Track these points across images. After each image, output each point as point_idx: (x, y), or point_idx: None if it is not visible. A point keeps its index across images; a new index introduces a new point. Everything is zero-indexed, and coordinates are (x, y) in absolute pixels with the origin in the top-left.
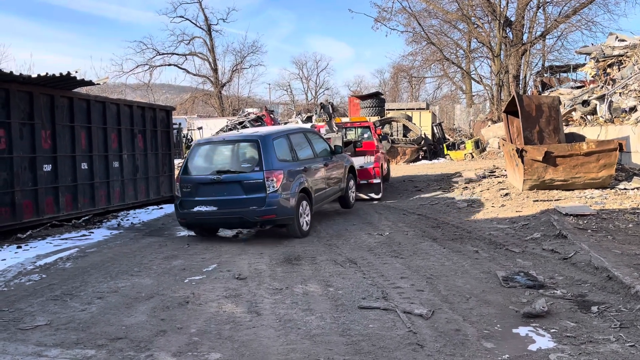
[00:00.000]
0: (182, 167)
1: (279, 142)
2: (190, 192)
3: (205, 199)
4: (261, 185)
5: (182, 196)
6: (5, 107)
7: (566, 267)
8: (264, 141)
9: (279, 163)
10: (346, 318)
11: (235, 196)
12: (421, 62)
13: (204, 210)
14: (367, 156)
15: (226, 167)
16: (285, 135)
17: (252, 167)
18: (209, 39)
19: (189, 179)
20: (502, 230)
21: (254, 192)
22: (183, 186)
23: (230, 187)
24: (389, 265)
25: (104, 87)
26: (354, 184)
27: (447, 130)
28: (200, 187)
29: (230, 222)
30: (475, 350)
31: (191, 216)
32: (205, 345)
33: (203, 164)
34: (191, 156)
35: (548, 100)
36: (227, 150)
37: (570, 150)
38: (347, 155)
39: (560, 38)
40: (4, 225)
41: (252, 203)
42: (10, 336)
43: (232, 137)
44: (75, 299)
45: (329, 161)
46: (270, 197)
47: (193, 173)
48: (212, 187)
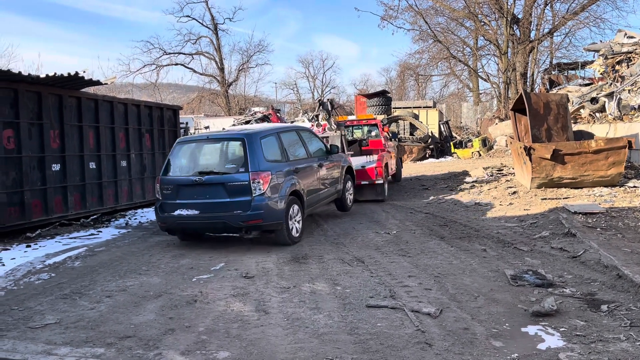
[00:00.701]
0: (163, 167)
1: (267, 141)
2: (170, 194)
3: (186, 201)
4: (246, 187)
5: (162, 198)
6: (14, 107)
7: (575, 266)
8: (251, 140)
9: (266, 163)
10: (354, 317)
11: (219, 199)
12: (428, 60)
13: (185, 214)
14: (369, 155)
15: (209, 168)
16: (275, 133)
17: (237, 168)
18: (216, 38)
19: (169, 180)
20: (510, 229)
21: (239, 195)
22: (163, 188)
23: (213, 189)
24: (396, 264)
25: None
26: (352, 186)
27: (454, 129)
28: (181, 189)
29: (213, 228)
30: (484, 349)
31: (171, 220)
32: (214, 343)
33: (185, 164)
34: (173, 156)
35: (556, 97)
36: (211, 149)
37: (578, 148)
38: (345, 155)
39: (568, 35)
40: (14, 224)
41: (236, 207)
42: (20, 335)
43: (217, 136)
44: (84, 298)
45: (324, 161)
46: (256, 200)
47: (174, 174)
48: (194, 189)
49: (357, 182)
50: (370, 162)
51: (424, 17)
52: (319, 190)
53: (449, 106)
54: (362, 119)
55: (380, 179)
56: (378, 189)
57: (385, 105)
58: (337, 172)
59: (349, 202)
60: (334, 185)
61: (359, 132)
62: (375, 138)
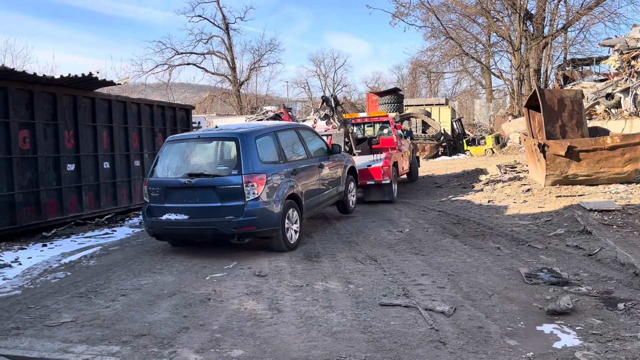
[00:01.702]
0: (151, 167)
1: (263, 141)
2: (158, 197)
3: (175, 205)
4: (239, 191)
5: (150, 201)
6: (30, 108)
7: (591, 264)
8: (245, 139)
9: (261, 165)
10: (367, 315)
11: (209, 203)
12: (440, 57)
13: (173, 218)
14: (376, 154)
15: (200, 170)
16: (272, 132)
17: (229, 170)
18: (227, 37)
19: (157, 182)
20: (524, 227)
21: (231, 199)
22: (151, 190)
23: (204, 192)
24: (409, 262)
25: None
26: (354, 187)
27: (467, 126)
28: (170, 191)
29: (203, 234)
30: (499, 347)
31: (159, 225)
32: (228, 341)
33: (174, 165)
34: (162, 155)
35: (570, 94)
36: (203, 149)
37: (594, 144)
38: (348, 155)
39: (583, 30)
40: (30, 223)
41: (228, 212)
42: (37, 332)
43: (209, 134)
44: (100, 296)
45: (325, 162)
46: (249, 205)
47: (162, 175)
48: (183, 192)
49: (362, 182)
50: (376, 161)
51: (435, 13)
52: (319, 192)
53: (461, 103)
54: (373, 116)
55: (387, 179)
56: (385, 190)
57: (397, 103)
58: (339, 172)
59: (351, 204)
60: (336, 186)
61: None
62: (388, 136)
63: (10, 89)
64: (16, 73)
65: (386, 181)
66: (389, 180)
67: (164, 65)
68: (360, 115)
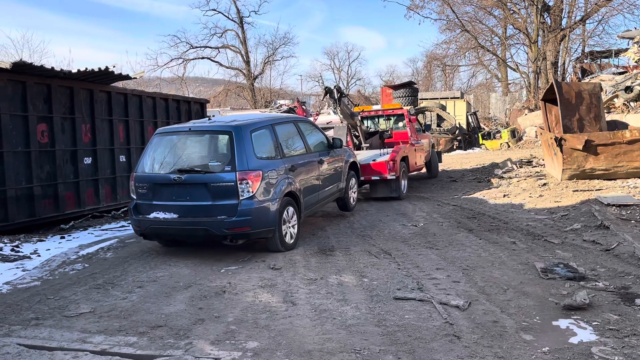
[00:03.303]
0: (139, 161)
1: (259, 135)
2: (146, 193)
3: (164, 203)
4: (233, 189)
5: (137, 198)
6: (48, 102)
7: (608, 259)
8: (240, 133)
9: (257, 161)
10: (381, 309)
11: (200, 202)
12: (455, 50)
13: (161, 217)
14: (383, 149)
15: (191, 165)
16: (269, 125)
17: (222, 166)
18: (241, 31)
19: (145, 178)
20: (540, 221)
21: (224, 197)
22: (138, 186)
23: (195, 190)
24: (423, 257)
25: (140, 81)
26: (355, 183)
27: (482, 120)
28: (158, 188)
29: (193, 235)
30: (514, 342)
31: (146, 224)
32: (243, 333)
33: (163, 160)
34: (150, 148)
35: (588, 87)
36: (194, 143)
37: (612, 138)
38: (350, 149)
39: (601, 22)
40: (48, 216)
41: (220, 211)
42: (56, 323)
43: (201, 127)
44: (117, 288)
45: (325, 157)
46: (243, 204)
47: (151, 170)
48: (173, 189)
49: (366, 177)
50: (382, 155)
51: (451, 6)
52: (319, 189)
53: (476, 97)
54: (387, 108)
55: (393, 174)
56: (392, 185)
57: (412, 96)
58: (340, 168)
59: (352, 201)
60: (336, 183)
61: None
62: (403, 129)
63: (29, 83)
64: (34, 67)
65: (392, 176)
66: (395, 175)
67: (179, 59)
68: (373, 108)
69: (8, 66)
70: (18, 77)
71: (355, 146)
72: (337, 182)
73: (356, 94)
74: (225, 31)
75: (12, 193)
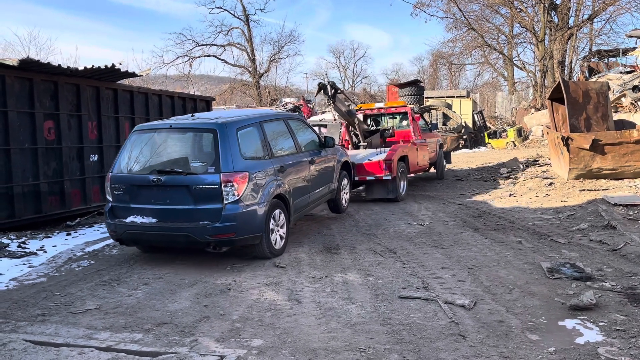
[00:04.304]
0: (115, 160)
1: (246, 133)
2: (123, 195)
3: (141, 206)
4: (216, 192)
5: (113, 200)
6: (54, 99)
7: (615, 259)
8: (225, 131)
9: (243, 162)
10: (386, 307)
11: (181, 206)
12: (461, 49)
13: (139, 222)
14: (380, 148)
15: (171, 165)
16: (257, 123)
17: (205, 167)
18: (247, 29)
19: (122, 178)
20: (546, 221)
21: (207, 201)
22: (114, 187)
23: (175, 193)
24: (429, 256)
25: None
26: (348, 183)
27: (489, 118)
28: (135, 190)
29: (174, 241)
30: (520, 342)
31: (123, 228)
32: (248, 331)
33: (141, 159)
34: (127, 146)
35: (596, 86)
36: (175, 141)
37: (619, 137)
38: (342, 148)
39: (609, 21)
40: (55, 212)
41: (203, 216)
42: (62, 319)
43: (183, 124)
44: (122, 285)
45: (316, 156)
46: (228, 209)
47: (128, 170)
48: (152, 191)
49: (361, 177)
50: (378, 154)
51: (457, 4)
52: (310, 191)
53: (483, 96)
54: (390, 106)
55: (389, 174)
56: (389, 186)
57: (418, 95)
58: (332, 168)
59: (344, 202)
60: (328, 184)
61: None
62: (406, 128)
63: (36, 80)
64: (41, 65)
65: (387, 177)
66: (391, 176)
67: (185, 57)
68: (376, 106)
69: (15, 63)
70: (25, 74)
71: (353, 145)
72: (328, 183)
73: (362, 92)
74: (231, 29)
75: (18, 190)
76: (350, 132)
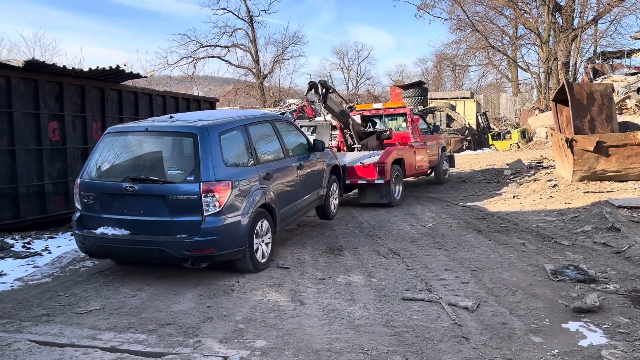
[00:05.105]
0: (85, 165)
1: (229, 137)
2: (93, 204)
3: (113, 217)
4: (196, 202)
5: (82, 209)
6: (59, 100)
7: (619, 261)
8: (206, 136)
9: (226, 169)
10: (390, 309)
11: (157, 217)
12: (465, 50)
13: (110, 234)
14: (374, 150)
15: (146, 173)
16: (242, 126)
17: (183, 175)
18: (251, 30)
19: (92, 185)
20: (550, 223)
21: (185, 213)
22: (84, 195)
23: (150, 203)
24: (432, 257)
25: (150, 80)
26: (337, 188)
27: (492, 120)
28: (107, 198)
29: (148, 255)
30: (523, 344)
31: (92, 240)
32: (251, 332)
33: (114, 165)
34: (99, 150)
35: (600, 87)
36: (151, 146)
37: (624, 139)
38: (331, 152)
39: (614, 22)
40: (59, 213)
41: (180, 229)
42: (66, 320)
43: (161, 127)
44: (126, 285)
45: (305, 161)
46: (208, 221)
47: (99, 177)
48: (125, 200)
49: (353, 181)
50: (371, 157)
51: (461, 5)
52: (298, 198)
53: (486, 97)
54: (388, 107)
55: (382, 178)
56: (382, 191)
57: (422, 96)
58: (321, 173)
59: (332, 208)
60: (316, 190)
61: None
62: (405, 130)
63: (41, 81)
64: (46, 66)
65: (380, 181)
66: (384, 179)
67: (189, 58)
68: (374, 107)
69: (20, 64)
70: (30, 75)
71: (347, 147)
72: (317, 189)
73: (365, 93)
74: (235, 30)
75: (23, 190)
76: (345, 134)
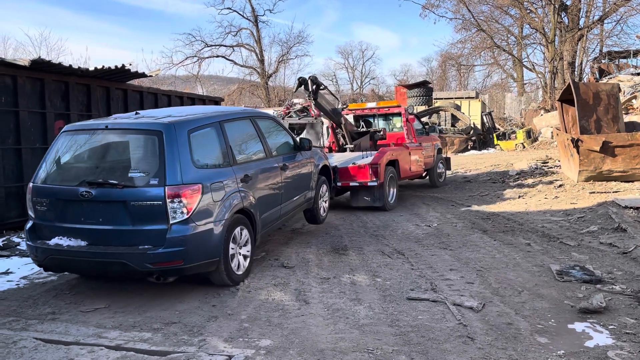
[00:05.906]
0: (38, 168)
1: (201, 135)
2: (47, 212)
3: (69, 226)
4: (160, 209)
5: (35, 217)
6: (65, 99)
7: (626, 262)
8: (172, 134)
9: (196, 171)
10: (394, 309)
11: (117, 226)
12: (470, 50)
13: (65, 245)
14: (367, 151)
15: (104, 176)
16: (216, 123)
17: (146, 178)
18: (256, 30)
19: (45, 190)
20: (555, 223)
21: (148, 221)
22: (37, 201)
23: (109, 209)
24: (437, 257)
25: (155, 79)
26: (327, 190)
27: (498, 120)
28: (62, 205)
29: (107, 269)
30: (529, 344)
31: (46, 252)
32: (256, 331)
33: (70, 167)
34: (53, 151)
35: (606, 87)
36: (112, 145)
37: (630, 139)
38: (320, 151)
39: (620, 22)
40: None
41: (143, 239)
42: (72, 318)
43: (122, 124)
44: (132, 284)
45: (290, 161)
46: (174, 230)
47: (53, 181)
48: (81, 207)
49: (344, 183)
50: (363, 158)
51: (467, 5)
52: (282, 201)
53: (492, 97)
54: (382, 107)
55: (374, 181)
56: (375, 193)
57: (426, 96)
58: (309, 174)
59: (322, 211)
60: (304, 192)
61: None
62: (400, 130)
63: (47, 80)
64: (52, 65)
65: (373, 183)
66: (378, 182)
67: (194, 58)
68: (368, 106)
69: (27, 64)
70: (36, 74)
71: (339, 147)
72: (305, 191)
73: (370, 93)
74: (240, 30)
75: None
76: (337, 134)
